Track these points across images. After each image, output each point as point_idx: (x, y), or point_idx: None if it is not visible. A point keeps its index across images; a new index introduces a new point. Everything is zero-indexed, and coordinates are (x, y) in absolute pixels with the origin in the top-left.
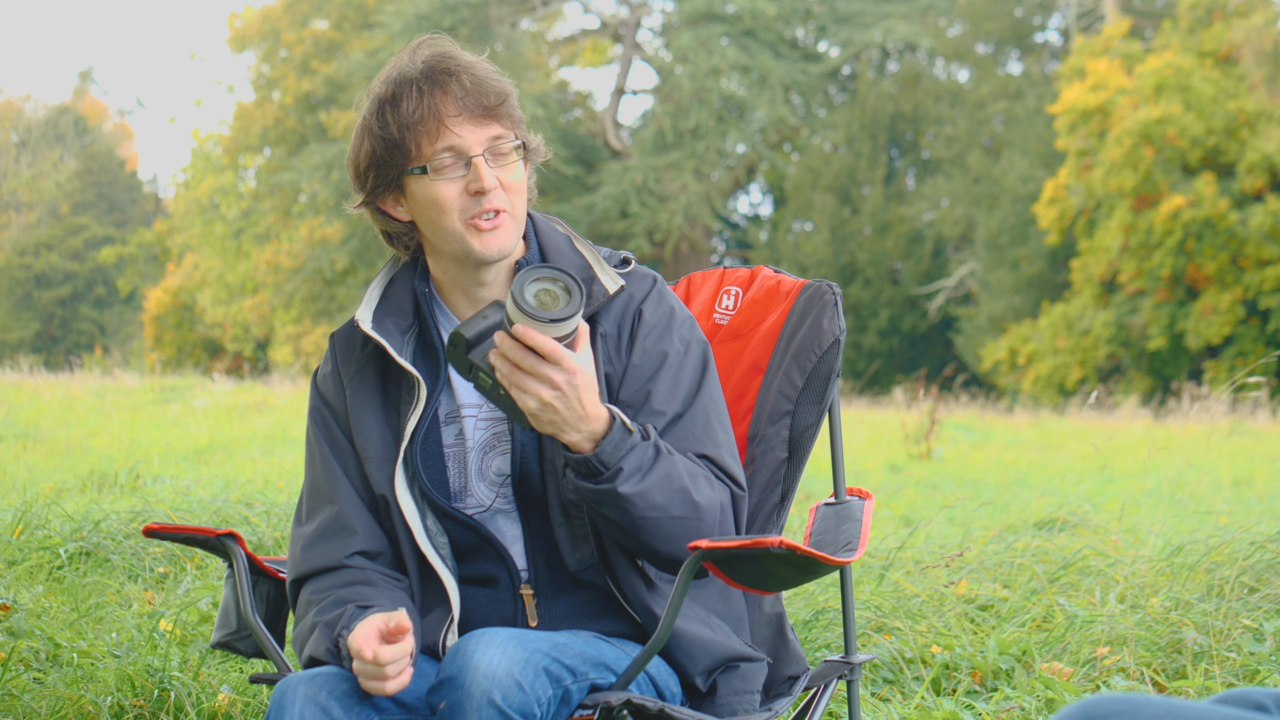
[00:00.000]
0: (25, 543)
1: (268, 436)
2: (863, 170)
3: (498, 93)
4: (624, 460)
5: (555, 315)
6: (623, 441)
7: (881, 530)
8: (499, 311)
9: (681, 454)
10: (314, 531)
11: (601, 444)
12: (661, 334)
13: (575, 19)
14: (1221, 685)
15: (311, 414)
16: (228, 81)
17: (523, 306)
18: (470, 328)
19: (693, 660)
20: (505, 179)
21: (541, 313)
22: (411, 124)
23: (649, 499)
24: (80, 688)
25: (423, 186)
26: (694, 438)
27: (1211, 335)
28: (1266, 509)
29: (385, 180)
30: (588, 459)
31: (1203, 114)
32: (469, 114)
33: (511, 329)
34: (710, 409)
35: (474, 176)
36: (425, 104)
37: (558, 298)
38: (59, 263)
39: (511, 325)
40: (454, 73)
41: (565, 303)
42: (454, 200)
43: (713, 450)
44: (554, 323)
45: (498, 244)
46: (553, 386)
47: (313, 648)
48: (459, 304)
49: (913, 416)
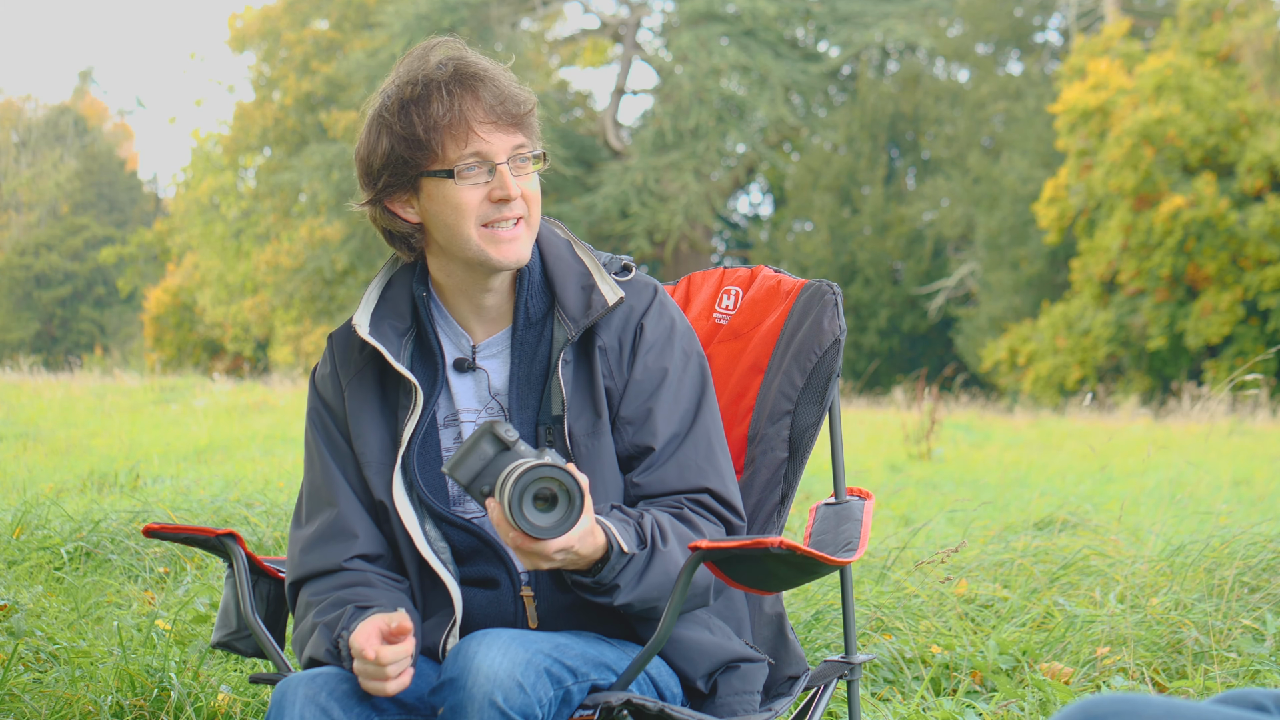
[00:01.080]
0: (25, 543)
1: (268, 436)
2: (863, 170)
3: (525, 101)
4: (620, 578)
5: (556, 533)
6: (618, 563)
7: (881, 530)
8: (491, 445)
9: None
10: (313, 534)
11: (599, 570)
12: (662, 350)
13: (575, 19)
14: (1221, 685)
15: (310, 415)
16: (228, 81)
17: (522, 527)
18: (464, 470)
19: (693, 664)
20: (525, 189)
21: (542, 532)
22: (440, 126)
23: (646, 599)
24: (80, 688)
25: (443, 189)
26: (696, 468)
27: (1211, 335)
28: (1267, 509)
29: (401, 180)
30: (585, 582)
31: (1203, 114)
32: (497, 121)
33: (510, 535)
34: (711, 430)
35: (498, 184)
36: (455, 107)
37: (555, 495)
38: (59, 263)
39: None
40: (484, 79)
41: (565, 505)
42: (475, 206)
43: (715, 482)
44: (556, 535)
45: (515, 253)
46: (552, 561)
47: (313, 649)
48: (461, 309)
49: (913, 416)
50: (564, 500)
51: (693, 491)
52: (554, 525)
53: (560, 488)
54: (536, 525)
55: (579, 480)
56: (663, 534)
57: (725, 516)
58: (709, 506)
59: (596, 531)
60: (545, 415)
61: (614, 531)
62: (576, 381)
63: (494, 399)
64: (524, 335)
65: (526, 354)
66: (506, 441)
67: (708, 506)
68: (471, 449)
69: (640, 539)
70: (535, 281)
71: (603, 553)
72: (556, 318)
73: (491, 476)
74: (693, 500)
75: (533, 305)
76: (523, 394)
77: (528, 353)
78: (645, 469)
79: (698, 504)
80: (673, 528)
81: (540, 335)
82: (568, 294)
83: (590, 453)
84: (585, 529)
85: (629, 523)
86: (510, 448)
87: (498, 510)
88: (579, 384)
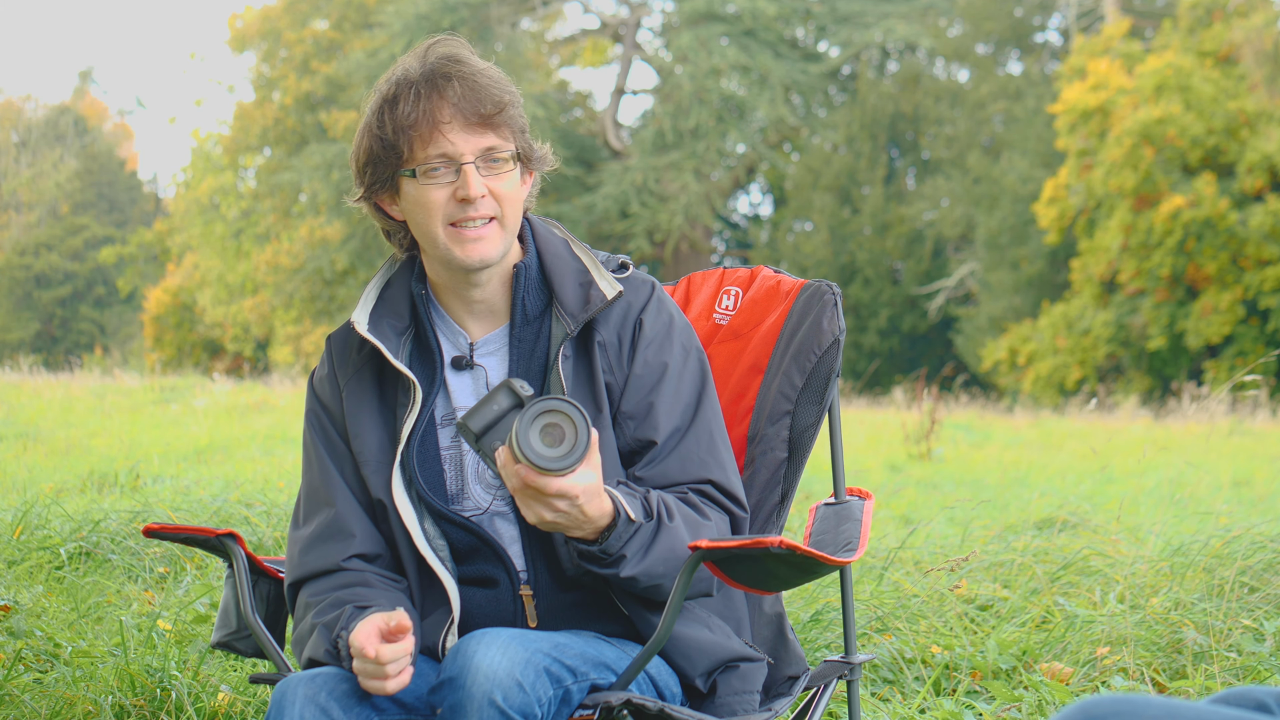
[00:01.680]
0: (25, 543)
1: (268, 436)
2: (863, 170)
3: (495, 101)
4: (626, 547)
5: (559, 465)
6: (625, 531)
7: (881, 530)
8: (507, 398)
9: (682, 491)
10: (311, 534)
11: (605, 539)
12: (662, 344)
13: (575, 19)
14: (1221, 685)
15: (308, 417)
16: (228, 81)
17: (526, 455)
18: (476, 419)
19: (692, 663)
20: (497, 188)
21: (545, 461)
22: (405, 126)
23: (651, 573)
24: (80, 688)
25: (414, 189)
26: (699, 460)
27: (1211, 335)
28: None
29: (381, 179)
30: (591, 550)
31: (1203, 114)
32: (463, 121)
33: (516, 465)
34: (713, 423)
35: (462, 183)
36: (421, 108)
37: (563, 432)
38: (59, 263)
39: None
40: (453, 78)
41: (571, 441)
42: (440, 205)
43: (717, 474)
44: (559, 469)
45: (479, 253)
46: (555, 510)
47: (312, 649)
48: (454, 307)
49: (913, 416)
50: (570, 436)
51: (695, 483)
52: (559, 458)
53: (568, 422)
54: (542, 455)
55: (587, 419)
56: (669, 511)
57: (728, 507)
58: (712, 497)
59: (603, 496)
60: None
61: (621, 499)
62: (577, 377)
63: None
64: (521, 332)
65: (525, 351)
66: (522, 396)
67: (710, 497)
68: (488, 401)
69: (647, 511)
70: (532, 278)
71: (609, 519)
72: (555, 314)
73: (504, 430)
74: (696, 491)
75: (529, 302)
76: None
77: (526, 349)
78: (647, 463)
79: (701, 494)
80: (679, 508)
81: (538, 332)
82: (566, 290)
83: None
84: (591, 486)
85: (635, 495)
86: (525, 403)
87: (505, 452)
88: (579, 379)
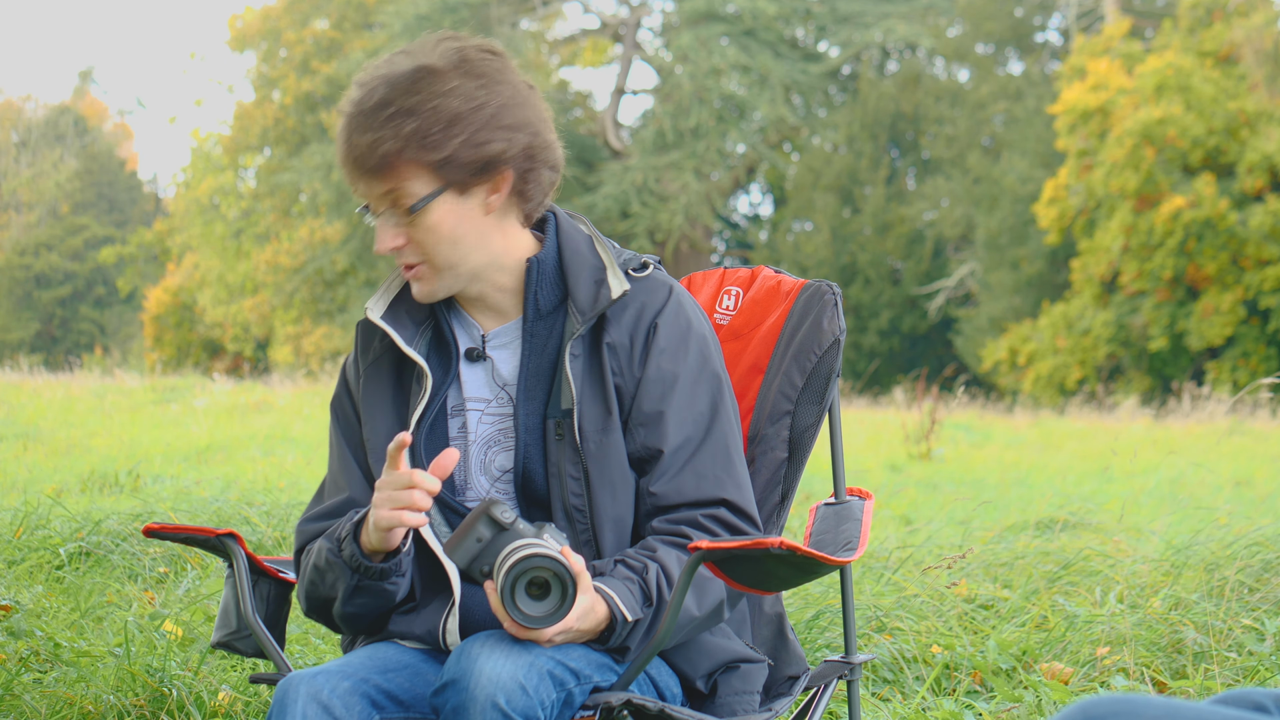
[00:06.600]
0: (25, 543)
1: (268, 436)
2: (863, 170)
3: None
4: (629, 640)
5: (550, 621)
6: (623, 632)
7: (881, 530)
8: (488, 528)
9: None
10: (322, 510)
11: (606, 640)
12: (676, 352)
13: (575, 19)
14: (1222, 685)
15: (332, 403)
16: (228, 81)
17: (515, 618)
18: (460, 554)
19: (693, 664)
20: (412, 235)
21: (535, 623)
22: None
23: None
24: (80, 688)
25: None
26: (713, 478)
27: (1213, 336)
28: (1267, 509)
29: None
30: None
31: (1203, 114)
32: (355, 168)
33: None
34: (729, 438)
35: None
36: (338, 147)
37: (549, 584)
38: (59, 263)
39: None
40: (345, 116)
41: (559, 595)
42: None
43: (733, 493)
44: (550, 624)
45: (421, 293)
46: (553, 643)
47: (315, 557)
48: (466, 300)
49: (913, 416)
50: (557, 588)
51: (710, 504)
52: (546, 615)
53: (553, 576)
54: (529, 615)
55: (571, 567)
56: (670, 583)
57: (742, 529)
58: (725, 521)
59: (597, 606)
60: (554, 409)
61: (616, 600)
62: (587, 376)
63: (503, 389)
64: (534, 326)
65: (537, 345)
66: (503, 523)
67: (724, 521)
68: (468, 531)
69: (646, 596)
70: (547, 273)
71: (606, 623)
72: (569, 310)
73: (490, 558)
74: (708, 515)
75: (543, 297)
76: (530, 385)
77: (538, 344)
78: (660, 477)
79: (713, 518)
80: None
81: (552, 328)
82: (580, 287)
83: (600, 449)
84: (584, 608)
85: (634, 580)
86: (508, 529)
87: (494, 596)
88: (589, 379)
